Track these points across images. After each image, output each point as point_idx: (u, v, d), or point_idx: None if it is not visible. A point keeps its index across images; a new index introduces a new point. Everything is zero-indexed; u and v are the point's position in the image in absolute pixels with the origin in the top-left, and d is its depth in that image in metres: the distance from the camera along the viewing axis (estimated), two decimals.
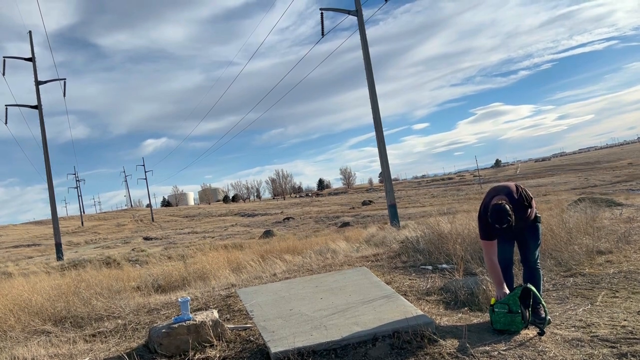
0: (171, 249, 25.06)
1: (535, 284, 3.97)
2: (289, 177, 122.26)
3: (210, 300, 5.88)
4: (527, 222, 4.01)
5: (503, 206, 3.67)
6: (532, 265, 4.07)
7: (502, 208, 3.66)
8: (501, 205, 3.68)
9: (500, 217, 3.64)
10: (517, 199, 3.84)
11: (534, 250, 4.07)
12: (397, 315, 3.90)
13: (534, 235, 4.07)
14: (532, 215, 4.01)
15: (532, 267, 4.07)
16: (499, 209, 3.67)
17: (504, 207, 3.67)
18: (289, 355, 3.41)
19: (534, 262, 4.08)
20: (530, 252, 4.07)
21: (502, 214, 3.64)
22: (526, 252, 4.10)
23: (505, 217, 3.63)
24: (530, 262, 4.08)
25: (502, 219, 3.63)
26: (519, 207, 3.82)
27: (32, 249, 41.39)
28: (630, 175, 43.22)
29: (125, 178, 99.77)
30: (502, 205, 3.69)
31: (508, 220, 3.63)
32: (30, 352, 4.31)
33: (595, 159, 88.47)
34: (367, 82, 17.91)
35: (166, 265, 10.92)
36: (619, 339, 3.25)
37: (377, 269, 6.59)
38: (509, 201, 3.77)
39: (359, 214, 39.88)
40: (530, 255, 4.07)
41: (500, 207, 3.68)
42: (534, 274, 4.06)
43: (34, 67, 26.13)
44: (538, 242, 4.11)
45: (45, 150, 25.71)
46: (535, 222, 4.05)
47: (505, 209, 3.66)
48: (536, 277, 4.05)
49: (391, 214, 17.29)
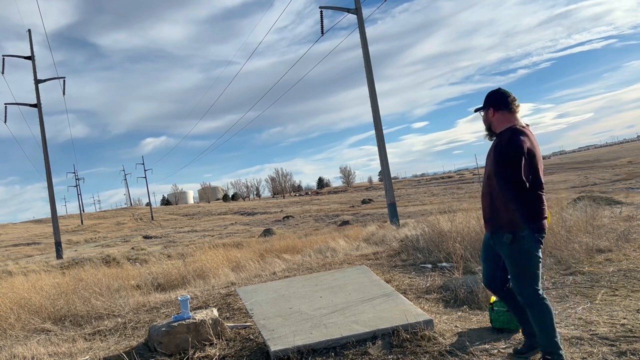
0: (171, 248, 25.06)
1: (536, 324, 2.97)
2: (289, 176, 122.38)
3: (209, 298, 5.88)
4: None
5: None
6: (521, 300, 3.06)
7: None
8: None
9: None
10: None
11: (513, 278, 3.06)
12: (397, 314, 3.90)
13: (507, 257, 3.04)
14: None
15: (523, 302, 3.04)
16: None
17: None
18: (288, 353, 3.41)
19: (520, 294, 3.03)
20: (512, 279, 3.09)
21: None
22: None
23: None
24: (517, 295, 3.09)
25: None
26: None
27: (32, 248, 41.38)
28: (630, 174, 43.23)
29: (125, 177, 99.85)
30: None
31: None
32: (30, 351, 4.31)
33: (594, 157, 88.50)
34: (367, 80, 17.89)
35: (166, 264, 10.92)
36: (618, 337, 3.25)
37: (376, 268, 6.59)
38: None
39: (358, 213, 39.87)
40: (514, 285, 3.09)
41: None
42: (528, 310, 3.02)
43: (34, 65, 26.09)
44: (521, 267, 2.97)
45: (44, 149, 25.69)
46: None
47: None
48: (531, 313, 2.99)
49: (391, 213, 17.29)
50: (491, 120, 3.13)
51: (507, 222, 2.93)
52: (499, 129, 3.08)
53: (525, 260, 2.93)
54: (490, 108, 3.12)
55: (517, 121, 3.06)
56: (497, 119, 3.09)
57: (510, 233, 2.92)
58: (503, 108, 3.06)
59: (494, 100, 3.11)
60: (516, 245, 2.92)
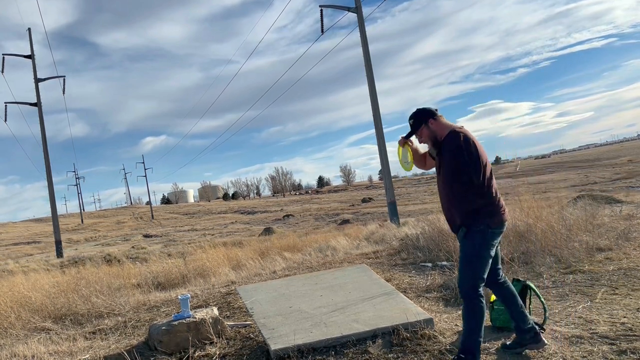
0: (171, 247, 25.07)
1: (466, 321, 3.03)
2: (289, 175, 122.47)
3: (210, 297, 5.89)
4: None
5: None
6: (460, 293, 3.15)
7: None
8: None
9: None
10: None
11: (459, 269, 3.13)
12: (397, 313, 3.91)
13: (460, 250, 3.14)
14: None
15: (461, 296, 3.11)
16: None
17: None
18: (288, 352, 3.42)
19: (459, 286, 3.13)
20: (459, 270, 3.15)
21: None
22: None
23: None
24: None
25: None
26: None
27: (32, 247, 41.42)
28: (630, 173, 43.18)
29: (125, 175, 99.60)
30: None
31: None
32: (31, 350, 4.31)
33: (594, 156, 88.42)
34: (367, 79, 17.88)
35: (166, 263, 10.91)
36: (618, 335, 3.25)
37: (376, 267, 6.59)
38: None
39: (358, 212, 39.87)
40: (458, 275, 3.16)
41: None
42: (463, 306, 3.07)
43: (33, 64, 26.08)
44: (467, 261, 3.04)
45: (44, 148, 25.69)
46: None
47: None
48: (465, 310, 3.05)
49: (391, 212, 17.29)
50: (434, 130, 3.19)
51: (463, 218, 3.04)
52: (442, 134, 3.16)
53: (472, 254, 3.02)
54: (429, 119, 3.20)
55: (452, 124, 3.18)
56: (437, 126, 3.18)
57: (465, 227, 3.03)
58: (435, 116, 3.20)
59: (424, 115, 3.23)
60: (469, 239, 3.02)
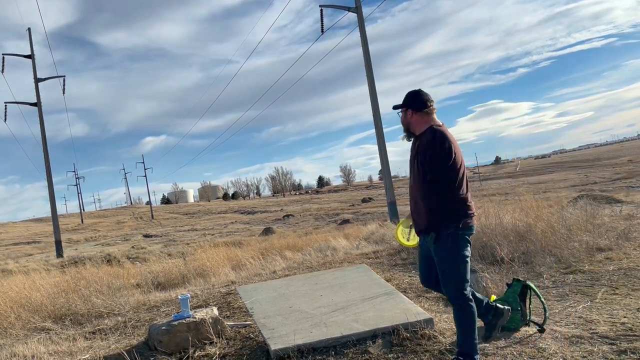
0: (171, 247, 25.07)
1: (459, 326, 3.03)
2: (289, 175, 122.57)
3: (210, 297, 5.89)
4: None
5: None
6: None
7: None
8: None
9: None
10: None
11: (440, 276, 3.08)
12: (397, 313, 3.90)
13: (434, 256, 3.08)
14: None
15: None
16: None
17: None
18: (288, 352, 3.41)
19: (445, 292, 3.15)
20: (440, 277, 3.10)
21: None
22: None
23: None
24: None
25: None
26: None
27: (32, 247, 41.42)
28: (630, 173, 43.20)
29: (125, 175, 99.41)
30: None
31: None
32: (30, 350, 4.31)
33: (594, 156, 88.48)
34: (367, 79, 17.88)
35: (166, 263, 10.91)
36: (618, 335, 3.25)
37: (377, 266, 6.59)
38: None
39: (358, 212, 39.86)
40: (441, 283, 3.12)
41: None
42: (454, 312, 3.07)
43: (33, 64, 26.08)
44: (445, 266, 3.01)
45: (44, 148, 25.70)
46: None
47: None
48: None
49: (391, 211, 17.28)
50: (410, 121, 3.13)
51: (433, 221, 2.96)
52: (418, 130, 3.09)
53: (449, 258, 2.96)
54: (409, 109, 3.12)
55: (435, 121, 3.08)
56: (416, 120, 3.10)
57: (434, 232, 2.95)
58: (421, 109, 3.07)
59: (412, 102, 3.12)
60: (441, 244, 2.95)
